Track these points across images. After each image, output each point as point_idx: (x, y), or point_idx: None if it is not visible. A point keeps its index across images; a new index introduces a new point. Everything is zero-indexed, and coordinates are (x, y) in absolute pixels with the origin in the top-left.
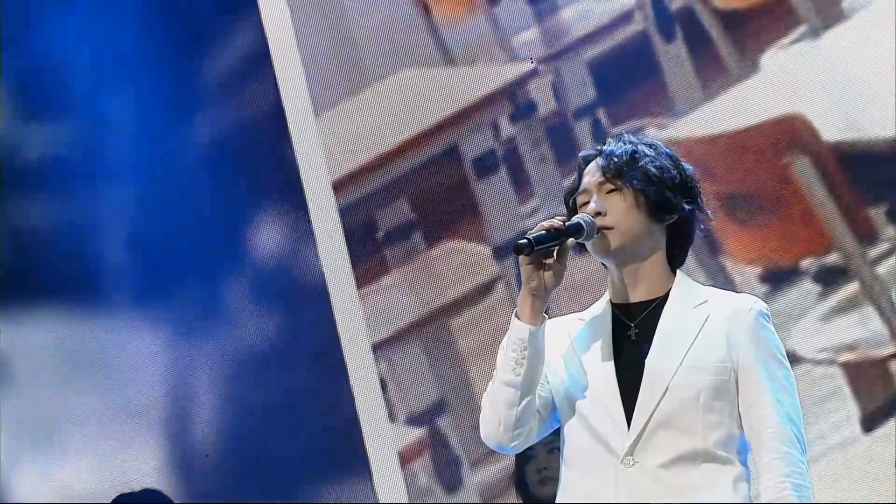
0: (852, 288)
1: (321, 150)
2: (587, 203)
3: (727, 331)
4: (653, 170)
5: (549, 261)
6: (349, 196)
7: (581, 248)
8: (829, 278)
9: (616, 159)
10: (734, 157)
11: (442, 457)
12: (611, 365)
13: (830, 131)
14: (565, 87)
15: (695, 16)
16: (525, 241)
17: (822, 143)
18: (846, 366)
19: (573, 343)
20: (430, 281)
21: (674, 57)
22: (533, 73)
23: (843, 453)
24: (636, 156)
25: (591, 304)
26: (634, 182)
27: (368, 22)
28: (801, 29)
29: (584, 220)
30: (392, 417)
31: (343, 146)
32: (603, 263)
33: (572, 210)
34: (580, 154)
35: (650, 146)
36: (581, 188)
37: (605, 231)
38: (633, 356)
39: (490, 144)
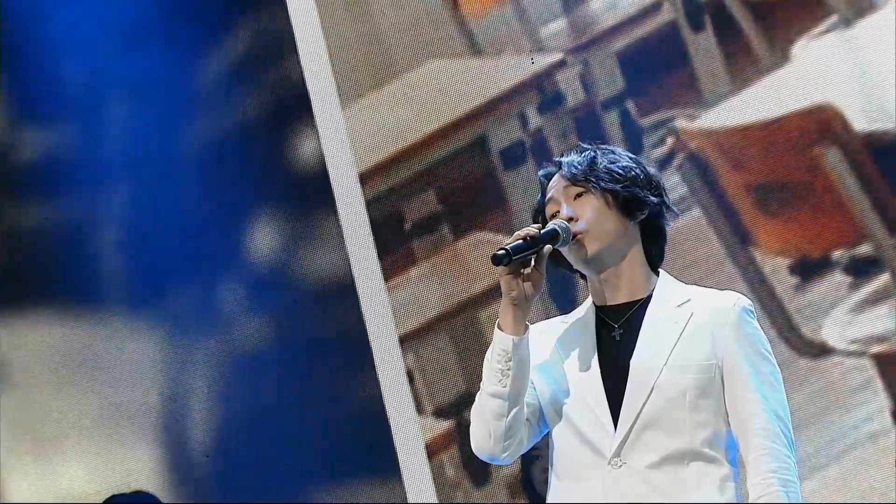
0: (884, 279)
1: (348, 141)
2: (558, 212)
3: (711, 328)
4: (617, 168)
5: (528, 270)
6: (376, 188)
7: (559, 263)
8: (861, 269)
9: (579, 164)
10: (764, 147)
11: (470, 450)
12: (596, 367)
13: (861, 121)
14: (594, 78)
15: (724, 5)
16: (502, 251)
17: (853, 134)
18: (877, 357)
19: (558, 347)
20: (457, 272)
21: (703, 47)
22: (561, 64)
23: (873, 445)
24: (597, 159)
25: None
26: (602, 182)
27: (395, 13)
28: (832, 19)
29: (559, 226)
30: (420, 410)
31: (370, 138)
32: (582, 275)
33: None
34: (540, 173)
35: (609, 150)
36: (548, 198)
37: (581, 236)
38: (618, 357)
39: (518, 136)
